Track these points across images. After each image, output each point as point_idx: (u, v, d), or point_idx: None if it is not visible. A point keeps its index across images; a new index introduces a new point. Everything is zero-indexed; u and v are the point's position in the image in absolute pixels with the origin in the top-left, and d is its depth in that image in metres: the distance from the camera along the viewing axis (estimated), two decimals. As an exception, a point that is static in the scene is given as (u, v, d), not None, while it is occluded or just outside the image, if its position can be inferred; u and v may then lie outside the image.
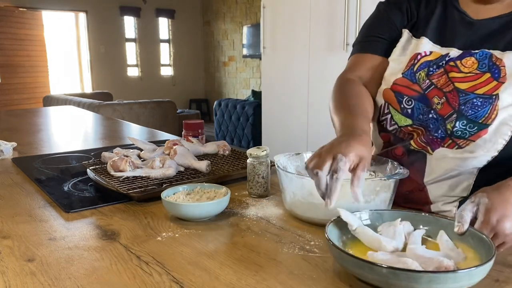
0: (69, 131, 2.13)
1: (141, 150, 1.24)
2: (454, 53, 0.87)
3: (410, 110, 0.89)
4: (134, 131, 2.02)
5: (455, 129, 0.83)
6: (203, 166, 1.08)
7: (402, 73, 0.91)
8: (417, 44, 0.92)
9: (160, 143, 1.39)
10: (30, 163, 1.30)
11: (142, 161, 1.14)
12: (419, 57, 0.90)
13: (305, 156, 0.97)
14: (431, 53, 0.90)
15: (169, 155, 1.16)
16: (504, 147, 0.81)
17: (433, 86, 0.87)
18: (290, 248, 0.71)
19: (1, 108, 5.88)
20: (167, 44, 8.31)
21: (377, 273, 0.54)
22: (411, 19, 0.96)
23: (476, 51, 0.85)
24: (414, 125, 0.89)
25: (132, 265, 0.66)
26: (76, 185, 1.07)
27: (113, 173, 1.03)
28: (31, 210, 0.91)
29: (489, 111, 0.80)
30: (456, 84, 0.84)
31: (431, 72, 0.88)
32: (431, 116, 0.86)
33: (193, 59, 8.58)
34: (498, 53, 0.83)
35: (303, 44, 3.05)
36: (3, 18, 6.16)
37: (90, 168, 1.10)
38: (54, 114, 2.74)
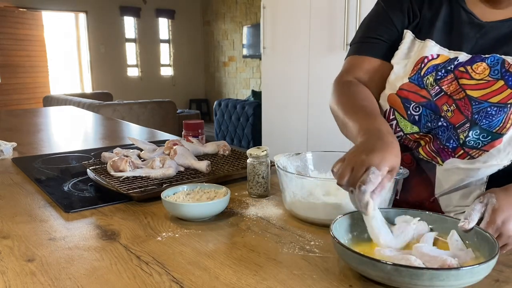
0: (69, 131, 2.13)
1: (141, 150, 1.24)
2: (463, 57, 0.83)
3: (417, 117, 0.85)
4: (134, 131, 2.02)
5: (467, 139, 0.79)
6: (203, 166, 1.08)
7: (409, 78, 0.86)
8: (422, 47, 0.87)
9: (160, 143, 1.39)
10: (30, 163, 1.30)
11: (142, 161, 1.14)
12: (426, 61, 0.85)
13: (305, 156, 0.97)
14: (438, 56, 0.85)
15: (169, 155, 1.16)
16: None
17: (442, 93, 0.83)
18: (290, 248, 0.71)
19: (1, 108, 5.88)
20: (167, 44, 8.31)
21: (380, 269, 0.54)
22: (413, 20, 0.91)
23: (487, 55, 0.81)
24: (421, 132, 0.85)
25: (132, 265, 0.66)
26: (76, 185, 1.07)
27: (113, 173, 1.03)
28: (31, 210, 0.91)
29: (503, 120, 0.77)
30: (468, 92, 0.80)
31: (439, 76, 0.84)
32: (441, 124, 0.83)
33: (193, 59, 8.58)
34: (510, 59, 0.79)
35: (303, 44, 3.04)
36: (3, 18, 6.16)
37: (90, 168, 1.10)
38: (54, 114, 2.74)
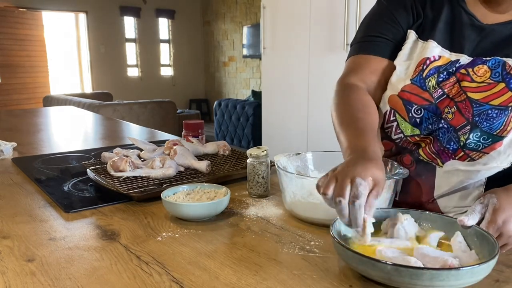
0: (69, 131, 2.13)
1: (141, 150, 1.24)
2: (464, 59, 0.83)
3: (418, 120, 0.84)
4: (134, 131, 2.02)
5: (468, 141, 0.79)
6: (203, 166, 1.08)
7: (411, 79, 0.85)
8: (424, 48, 0.86)
9: (160, 143, 1.39)
10: (30, 163, 1.30)
11: (142, 161, 1.14)
12: (428, 62, 0.85)
13: (305, 156, 0.97)
14: (440, 57, 0.85)
15: (169, 155, 1.16)
16: None
17: (445, 96, 0.83)
18: (290, 248, 0.71)
19: (1, 108, 5.88)
20: (167, 44, 8.31)
21: (380, 269, 0.55)
22: (417, 19, 0.89)
23: (488, 58, 0.81)
24: (422, 135, 0.85)
25: (132, 265, 0.66)
26: (76, 185, 1.07)
27: (113, 173, 1.03)
28: (31, 210, 0.91)
29: (504, 123, 0.77)
30: (469, 94, 0.80)
31: (441, 78, 0.83)
32: (441, 126, 0.82)
33: (193, 59, 8.58)
34: (511, 61, 0.79)
35: (303, 44, 3.04)
36: (3, 18, 6.16)
37: (90, 168, 1.10)
38: (54, 114, 2.74)
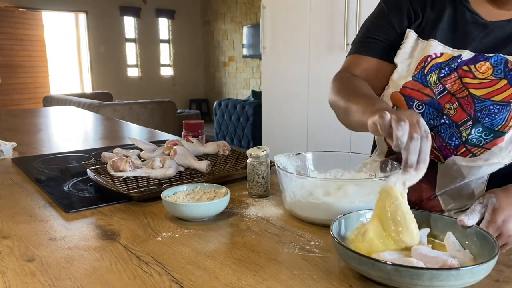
0: (69, 131, 2.13)
1: (141, 150, 1.24)
2: (467, 55, 0.84)
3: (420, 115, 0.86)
4: (134, 131, 2.01)
5: (470, 136, 0.80)
6: (203, 166, 1.08)
7: (412, 76, 0.87)
8: (426, 46, 0.88)
9: (160, 143, 1.39)
10: (30, 163, 1.30)
11: (142, 161, 1.14)
12: (429, 59, 0.86)
13: (305, 156, 0.97)
14: (442, 54, 0.86)
15: (169, 155, 1.16)
16: None
17: (446, 91, 0.84)
18: (290, 248, 0.71)
19: (1, 108, 5.88)
20: (167, 44, 8.31)
21: (380, 269, 0.54)
22: (415, 20, 0.92)
23: (491, 55, 0.82)
24: None
25: (132, 265, 0.66)
26: (76, 185, 1.07)
27: (113, 173, 1.03)
28: (31, 210, 0.91)
29: (506, 118, 0.77)
30: (471, 90, 0.81)
31: (442, 74, 0.84)
32: (443, 121, 0.83)
33: (193, 59, 8.58)
34: None
35: (303, 44, 3.04)
36: (3, 18, 6.16)
37: (90, 168, 1.10)
38: (54, 114, 2.74)
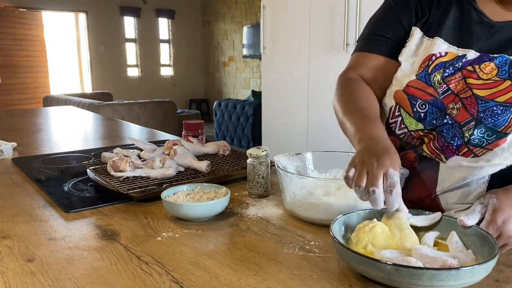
0: (69, 131, 2.13)
1: (141, 150, 1.24)
2: (472, 55, 0.83)
3: (423, 114, 0.85)
4: (134, 131, 2.02)
5: (472, 137, 0.79)
6: (203, 166, 1.08)
7: (416, 75, 0.86)
8: (431, 44, 0.87)
9: (160, 143, 1.39)
10: (30, 163, 1.30)
11: (142, 161, 1.14)
12: (433, 58, 0.85)
13: (305, 156, 0.97)
14: (446, 53, 0.85)
15: (169, 155, 1.16)
16: None
17: (449, 92, 0.83)
18: (290, 248, 0.71)
19: (1, 108, 5.88)
20: (167, 44, 8.31)
21: (380, 269, 0.55)
22: (421, 17, 0.90)
23: (495, 55, 0.81)
24: (426, 130, 0.85)
25: (132, 265, 0.66)
26: (76, 185, 1.07)
27: (113, 173, 1.03)
28: (31, 210, 0.91)
29: (509, 119, 0.77)
30: (475, 91, 0.80)
31: (446, 73, 0.83)
32: (446, 121, 0.83)
33: (193, 59, 8.58)
34: None
35: (303, 44, 3.04)
36: (3, 18, 6.16)
37: (90, 168, 1.10)
38: (54, 114, 2.74)
